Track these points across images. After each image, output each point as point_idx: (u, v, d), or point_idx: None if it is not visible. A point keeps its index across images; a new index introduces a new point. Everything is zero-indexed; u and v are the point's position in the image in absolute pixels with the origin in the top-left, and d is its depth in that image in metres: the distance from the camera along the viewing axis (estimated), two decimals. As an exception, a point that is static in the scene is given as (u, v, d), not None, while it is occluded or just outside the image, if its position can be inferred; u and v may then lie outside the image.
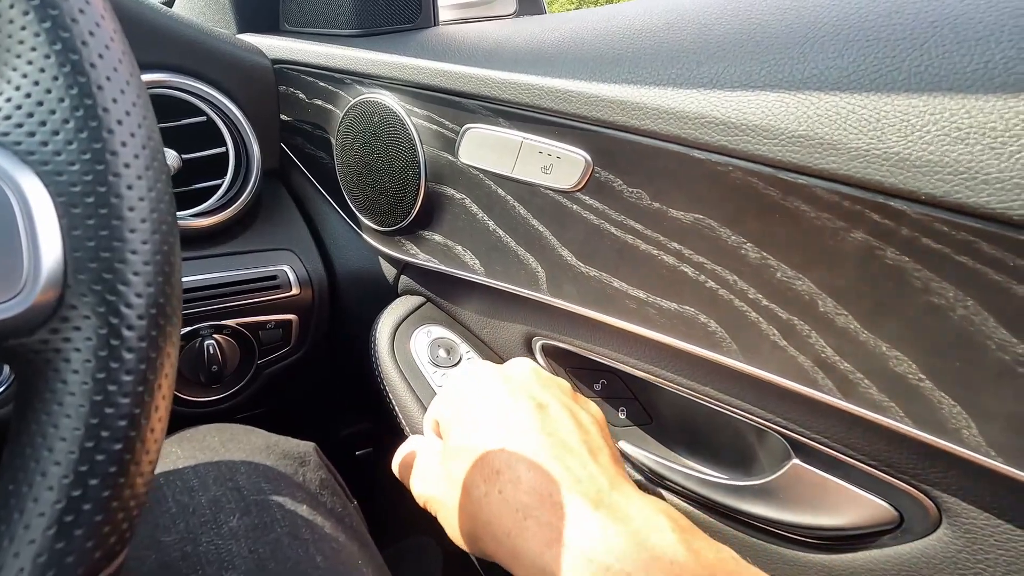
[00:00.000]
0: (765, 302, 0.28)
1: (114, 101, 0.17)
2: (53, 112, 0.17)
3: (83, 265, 0.16)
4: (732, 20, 0.29)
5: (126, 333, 0.17)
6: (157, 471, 0.26)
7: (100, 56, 0.17)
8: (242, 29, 0.54)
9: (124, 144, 0.17)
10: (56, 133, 0.16)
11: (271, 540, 0.24)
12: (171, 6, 0.56)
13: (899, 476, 0.27)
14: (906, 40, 0.22)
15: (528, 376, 0.31)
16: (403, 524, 0.78)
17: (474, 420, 0.28)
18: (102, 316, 0.17)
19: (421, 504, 0.29)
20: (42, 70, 0.16)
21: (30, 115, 0.16)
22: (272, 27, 0.54)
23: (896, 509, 0.28)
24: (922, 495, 0.27)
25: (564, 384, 0.32)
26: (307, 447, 0.31)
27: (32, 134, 0.16)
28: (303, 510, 0.26)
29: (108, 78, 0.17)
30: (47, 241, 0.16)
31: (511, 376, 0.30)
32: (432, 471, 0.28)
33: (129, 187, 0.17)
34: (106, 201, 0.17)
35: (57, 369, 0.16)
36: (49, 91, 0.17)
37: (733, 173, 0.27)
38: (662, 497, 0.38)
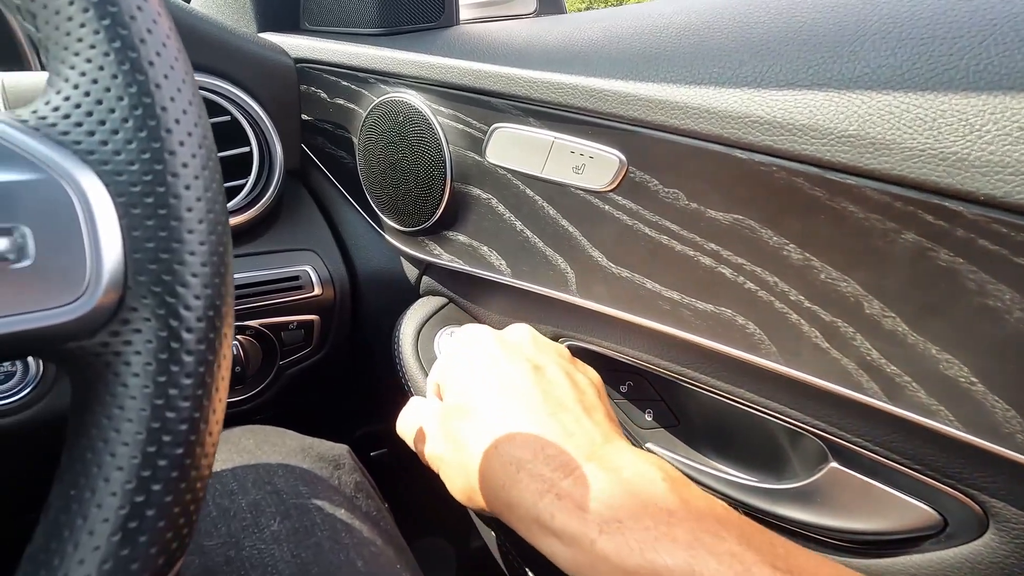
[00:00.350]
0: (807, 304, 0.28)
1: (172, 100, 0.17)
2: (112, 111, 0.16)
3: (143, 267, 0.16)
4: (776, 18, 0.29)
5: (185, 336, 0.16)
6: None
7: (157, 54, 0.17)
8: (262, 28, 0.53)
9: (182, 144, 0.17)
10: (116, 132, 0.16)
11: (312, 544, 0.24)
12: (188, 3, 0.56)
13: (943, 480, 0.27)
14: (964, 38, 0.22)
15: (526, 339, 0.32)
16: (418, 525, 0.78)
17: (470, 380, 0.29)
18: (162, 319, 0.16)
19: (424, 462, 0.30)
20: (101, 68, 0.16)
21: (89, 114, 0.16)
22: (292, 26, 0.54)
23: (940, 513, 0.28)
24: (968, 499, 0.27)
25: (562, 349, 0.33)
26: (341, 449, 0.31)
27: (92, 133, 0.16)
28: (341, 514, 0.26)
29: (166, 76, 0.17)
30: (108, 242, 0.16)
31: (508, 340, 0.32)
32: (433, 430, 0.29)
33: (187, 187, 0.17)
34: (165, 202, 0.17)
35: (117, 373, 0.16)
36: (108, 89, 0.16)
37: (777, 173, 0.27)
38: None
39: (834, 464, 0.31)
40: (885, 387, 0.26)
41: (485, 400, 0.28)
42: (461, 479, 0.27)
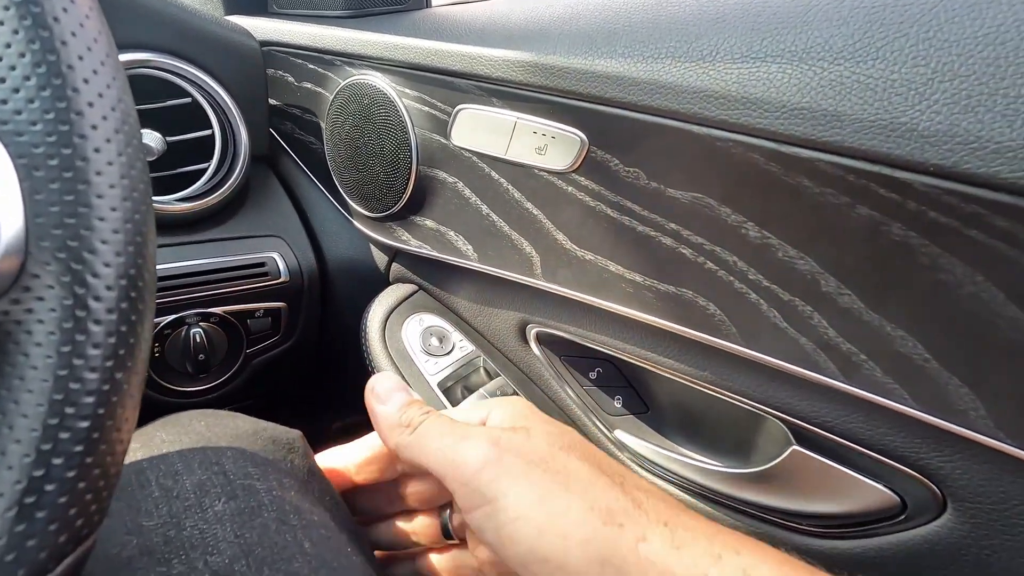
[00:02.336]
0: (766, 283, 0.28)
1: (80, 58, 0.16)
2: (13, 68, 0.15)
3: (46, 232, 0.15)
4: (732, -9, 0.28)
5: (93, 304, 0.16)
6: (140, 456, 0.25)
7: (64, 10, 0.16)
8: (230, 11, 0.52)
9: (91, 104, 0.16)
10: (16, 90, 0.15)
11: (258, 525, 0.23)
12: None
13: (902, 461, 0.27)
14: (914, 5, 0.22)
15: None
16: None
17: (556, 424, 0.26)
18: (67, 286, 0.16)
19: (475, 470, 0.24)
20: (0, 23, 0.15)
21: (-12, 71, 0.15)
22: (260, 8, 0.53)
23: (899, 495, 0.28)
24: (926, 480, 0.26)
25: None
26: (294, 435, 0.30)
27: None
28: (291, 496, 0.25)
29: (73, 33, 0.16)
30: (6, 205, 0.15)
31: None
32: (518, 448, 0.24)
33: (97, 150, 0.16)
34: (71, 164, 0.16)
35: (18, 342, 0.15)
36: (8, 45, 0.15)
37: (733, 149, 0.26)
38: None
39: (796, 447, 0.31)
40: (842, 366, 0.26)
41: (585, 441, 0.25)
42: (584, 506, 0.22)
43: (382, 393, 0.28)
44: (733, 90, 0.25)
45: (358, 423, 0.70)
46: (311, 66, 0.46)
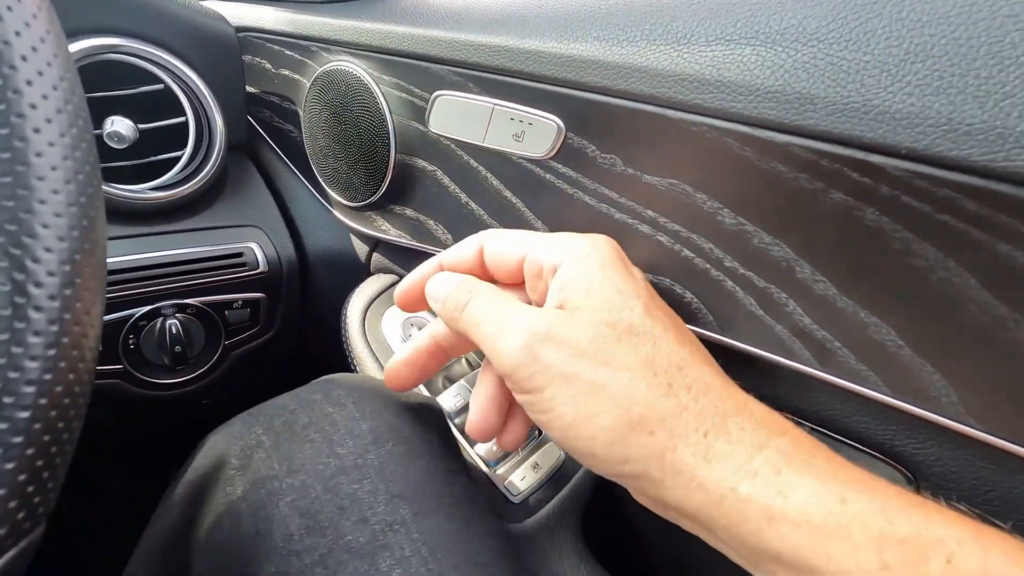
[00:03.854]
0: (742, 270, 0.27)
1: (16, 34, 0.16)
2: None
3: None
4: (708, -28, 0.28)
5: (33, 291, 0.15)
6: (318, 404, 0.30)
7: None
8: (206, -4, 0.51)
9: (30, 83, 0.16)
10: (-53, 67, 0.15)
11: (421, 466, 0.28)
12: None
13: (877, 449, 0.27)
14: (887, -16, 0.21)
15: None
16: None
17: (632, 296, 0.23)
18: (4, 271, 0.15)
19: (516, 376, 0.23)
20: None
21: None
22: (237, -6, 0.52)
23: (874, 482, 0.28)
24: (901, 467, 0.26)
25: None
26: (434, 404, 0.35)
27: None
28: (437, 448, 0.31)
29: (9, 8, 0.15)
30: (-62, 187, 0.15)
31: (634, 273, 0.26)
32: (557, 336, 0.23)
33: (36, 130, 0.16)
34: (8, 145, 0.15)
35: (-47, 329, 0.15)
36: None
37: (708, 134, 0.26)
38: None
39: (773, 435, 0.31)
40: (817, 353, 0.26)
41: (661, 327, 0.23)
42: (617, 410, 0.21)
43: (434, 288, 0.29)
44: (707, 73, 0.25)
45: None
46: (288, 52, 0.45)
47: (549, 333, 0.23)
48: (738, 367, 0.30)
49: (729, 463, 0.20)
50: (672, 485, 0.21)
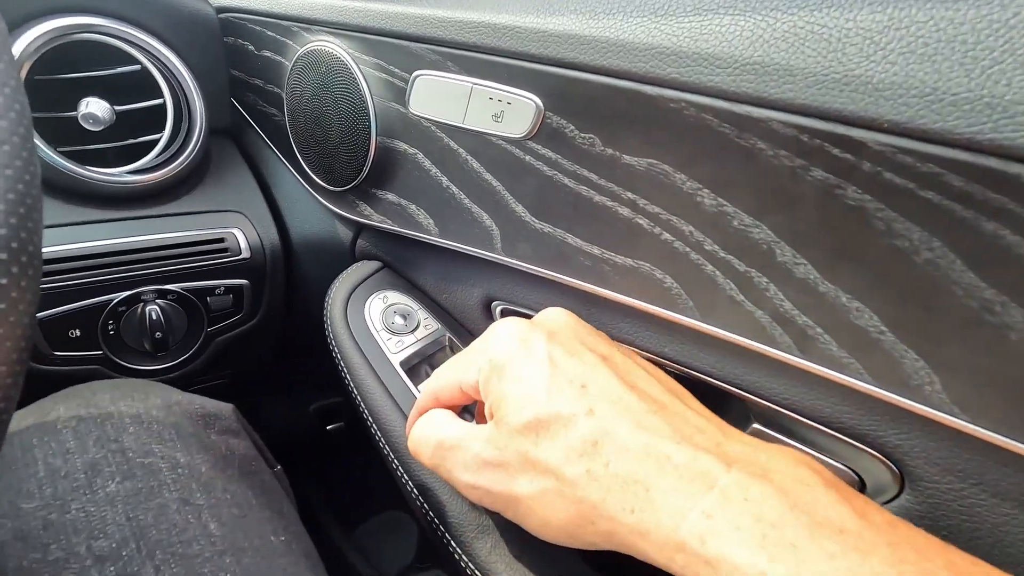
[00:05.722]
0: (722, 254, 0.26)
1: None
2: None
3: None
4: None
5: None
6: (32, 432, 0.24)
7: None
8: (188, -24, 0.50)
9: None
10: None
11: (155, 506, 0.21)
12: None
13: (860, 439, 0.26)
14: (871, -54, 0.20)
15: (574, 328, 0.27)
16: (378, 499, 0.77)
17: (536, 389, 0.23)
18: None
19: (474, 499, 0.25)
20: None
21: None
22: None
23: (856, 474, 0.27)
24: (884, 459, 0.25)
25: (602, 333, 0.28)
26: (222, 407, 0.28)
27: None
28: (201, 473, 0.23)
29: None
30: None
31: (556, 331, 0.26)
32: (491, 461, 0.24)
33: None
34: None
35: None
36: None
37: (686, 110, 0.25)
38: None
39: (756, 425, 0.30)
40: (798, 340, 0.25)
41: (568, 409, 0.22)
42: (561, 511, 0.22)
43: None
44: (685, 46, 0.24)
45: (336, 405, 0.70)
46: (270, 33, 0.44)
47: (486, 461, 0.24)
48: (722, 356, 0.29)
49: (661, 532, 0.20)
50: (640, 551, 0.21)
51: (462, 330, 0.44)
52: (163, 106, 0.42)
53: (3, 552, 0.19)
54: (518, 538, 0.31)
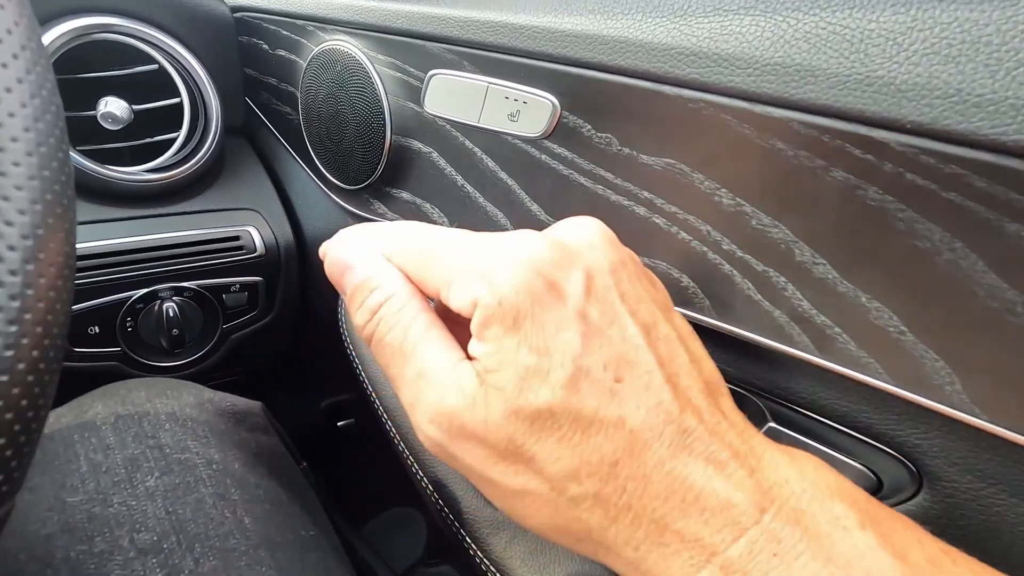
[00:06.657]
0: (740, 253, 0.26)
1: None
2: None
3: None
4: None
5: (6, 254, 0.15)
6: (72, 428, 0.24)
7: None
8: (203, -24, 0.51)
9: None
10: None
11: (192, 500, 0.22)
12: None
13: (878, 438, 0.26)
14: (894, -53, 0.20)
15: (615, 266, 0.20)
16: (387, 495, 0.77)
17: (558, 368, 0.17)
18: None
19: (428, 449, 0.19)
20: None
21: None
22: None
23: (874, 474, 0.27)
24: (902, 458, 0.25)
25: (639, 265, 0.22)
26: (252, 405, 0.28)
27: None
28: (235, 470, 0.24)
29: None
30: None
31: (594, 270, 0.19)
32: (468, 430, 0.18)
33: None
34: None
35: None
36: None
37: (705, 110, 0.25)
38: None
39: (772, 424, 0.30)
40: (816, 339, 0.25)
41: (594, 411, 0.17)
42: (541, 518, 0.18)
43: (337, 260, 0.20)
44: (704, 46, 0.24)
45: (347, 402, 0.70)
46: (284, 32, 0.45)
47: (463, 427, 0.18)
48: (738, 356, 0.29)
49: None
50: (622, 570, 0.18)
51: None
52: (180, 105, 0.42)
53: (51, 543, 0.20)
54: (533, 534, 0.32)
